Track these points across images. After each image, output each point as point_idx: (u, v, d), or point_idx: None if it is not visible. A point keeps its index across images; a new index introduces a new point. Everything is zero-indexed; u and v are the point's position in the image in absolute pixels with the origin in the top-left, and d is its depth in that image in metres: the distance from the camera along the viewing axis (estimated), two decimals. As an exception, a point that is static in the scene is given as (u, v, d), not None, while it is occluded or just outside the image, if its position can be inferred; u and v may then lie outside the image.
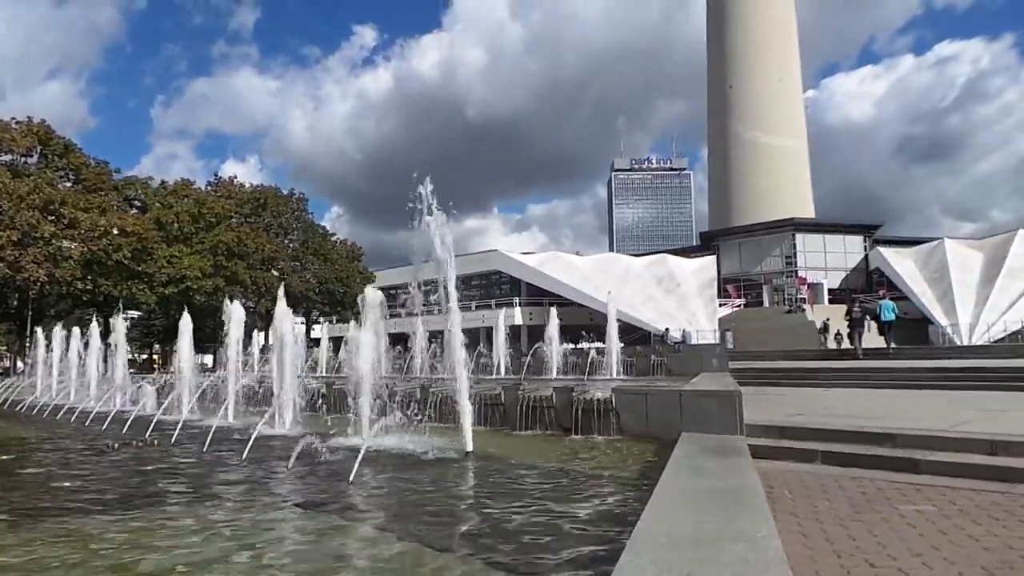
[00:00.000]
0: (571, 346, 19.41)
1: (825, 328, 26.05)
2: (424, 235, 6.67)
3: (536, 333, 36.57)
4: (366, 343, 7.04)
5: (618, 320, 16.68)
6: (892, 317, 16.34)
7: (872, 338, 17.42)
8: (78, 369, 14.75)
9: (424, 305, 7.02)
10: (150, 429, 8.39)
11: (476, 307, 39.62)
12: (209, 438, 7.25)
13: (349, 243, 37.80)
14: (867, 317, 16.83)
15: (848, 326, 16.62)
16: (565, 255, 44.72)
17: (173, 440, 7.57)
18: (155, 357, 30.69)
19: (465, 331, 6.95)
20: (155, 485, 5.15)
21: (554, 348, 16.13)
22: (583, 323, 33.61)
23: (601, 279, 38.47)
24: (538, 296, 39.35)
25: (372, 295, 7.60)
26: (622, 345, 16.16)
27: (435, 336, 7.31)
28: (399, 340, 19.01)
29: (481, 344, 17.28)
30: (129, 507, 4.29)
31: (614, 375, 14.64)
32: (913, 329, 28.93)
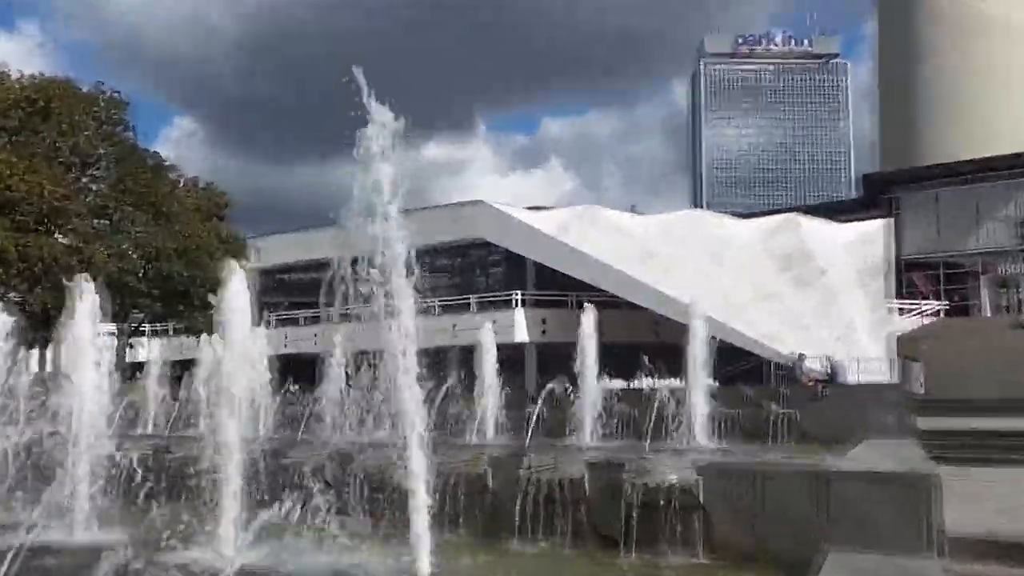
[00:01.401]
0: (619, 384, 19.40)
1: None
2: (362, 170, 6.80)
3: (554, 357, 36.37)
4: (230, 368, 7.01)
5: (710, 336, 16.67)
6: None
7: None
8: None
9: (340, 305, 7.02)
10: None
11: (441, 309, 39.71)
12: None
13: (203, 186, 37.65)
14: None
15: None
16: (608, 213, 44.72)
17: None
18: None
19: (422, 354, 7.04)
20: None
21: (588, 387, 16.14)
22: (641, 339, 33.44)
23: (677, 259, 38.50)
24: (558, 289, 39.40)
25: (235, 277, 7.56)
26: (715, 383, 16.20)
27: (366, 362, 7.41)
28: (298, 368, 19.03)
29: (452, 378, 17.30)
30: None
31: (698, 439, 14.74)
32: None
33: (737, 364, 30.54)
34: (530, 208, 44.43)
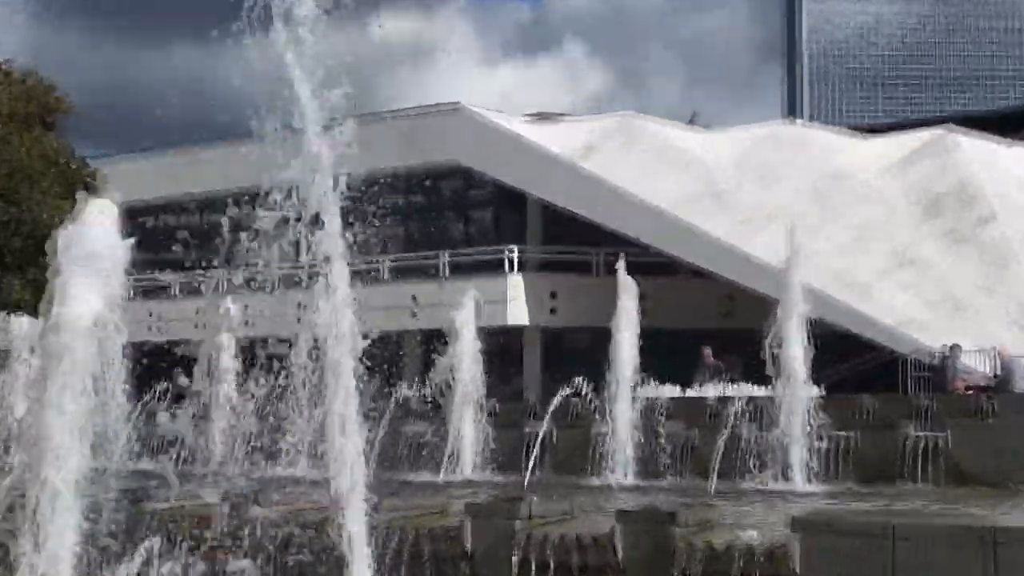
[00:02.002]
0: (671, 391, 19.37)
1: None
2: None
3: (569, 349, 35.88)
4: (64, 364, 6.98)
5: (812, 321, 16.72)
6: None
7: None
8: None
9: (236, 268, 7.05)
10: None
11: (394, 273, 39.59)
12: None
13: (21, 77, 37.53)
14: None
15: None
16: (657, 127, 44.44)
17: None
18: None
19: (365, 342, 7.19)
20: None
21: (623, 395, 16.18)
22: (706, 324, 33.18)
23: (763, 198, 38.38)
24: (576, 245, 39.41)
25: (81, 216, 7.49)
26: (819, 392, 16.24)
27: (275, 355, 7.45)
28: (171, 363, 19.06)
29: (411, 380, 17.29)
30: None
31: (794, 477, 15.01)
32: None
33: (857, 360, 30.59)
34: (534, 117, 44.25)
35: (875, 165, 42.55)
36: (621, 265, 18.75)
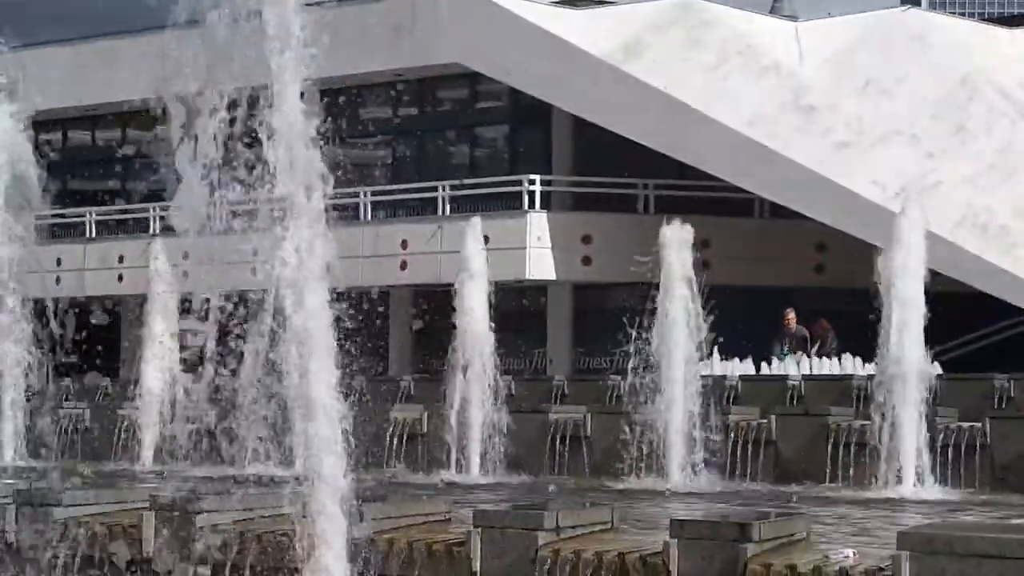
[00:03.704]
0: (741, 368, 19.44)
1: None
2: None
3: (608, 311, 35.61)
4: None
5: (932, 276, 16.77)
6: None
7: None
8: None
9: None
10: None
11: (378, 210, 39.41)
12: None
13: None
14: None
15: None
16: (727, 15, 43.96)
17: None
18: None
19: (342, 300, 7.32)
20: None
21: (677, 372, 16.37)
22: (790, 280, 33.19)
23: (868, 114, 38.14)
24: (616, 171, 39.26)
25: None
26: (939, 370, 16.22)
27: (221, 315, 7.58)
28: (83, 326, 19.24)
29: (401, 349, 17.36)
30: None
31: (903, 480, 15.06)
32: None
33: (988, 330, 30.66)
34: (563, 2, 43.89)
35: (1021, 68, 42.12)
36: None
